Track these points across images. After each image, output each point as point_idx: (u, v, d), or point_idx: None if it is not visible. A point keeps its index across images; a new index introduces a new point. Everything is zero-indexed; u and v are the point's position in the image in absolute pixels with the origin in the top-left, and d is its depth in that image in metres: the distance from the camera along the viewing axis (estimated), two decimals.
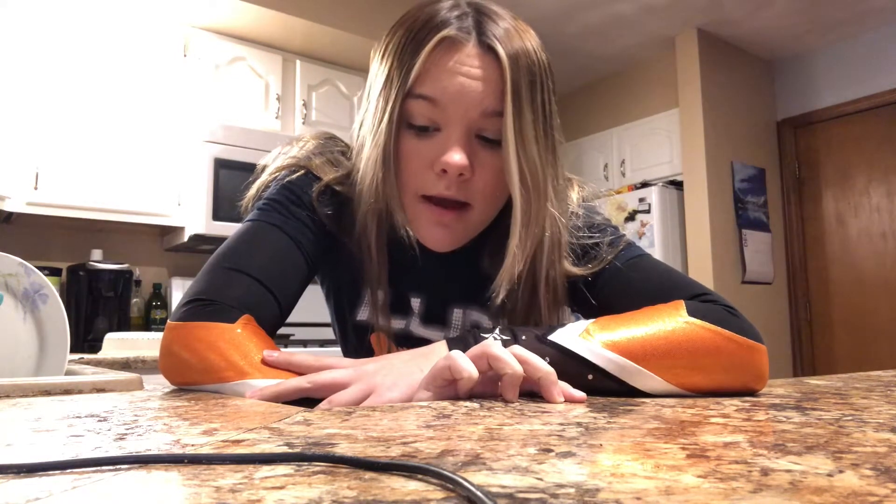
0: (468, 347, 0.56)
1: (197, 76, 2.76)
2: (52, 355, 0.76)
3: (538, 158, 0.69)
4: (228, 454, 0.30)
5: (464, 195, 0.69)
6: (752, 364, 0.61)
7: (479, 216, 0.72)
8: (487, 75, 0.67)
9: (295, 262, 0.73)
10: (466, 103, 0.67)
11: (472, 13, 0.69)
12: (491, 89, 0.67)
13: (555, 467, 0.28)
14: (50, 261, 2.65)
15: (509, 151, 0.67)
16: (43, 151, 2.40)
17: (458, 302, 0.80)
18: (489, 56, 0.67)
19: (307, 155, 0.79)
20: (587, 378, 0.58)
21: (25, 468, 0.27)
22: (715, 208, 3.60)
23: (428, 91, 0.67)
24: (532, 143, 0.68)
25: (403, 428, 0.39)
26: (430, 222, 0.70)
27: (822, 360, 3.85)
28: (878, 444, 0.34)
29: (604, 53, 3.99)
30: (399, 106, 0.68)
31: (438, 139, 0.68)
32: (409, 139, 0.69)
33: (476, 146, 0.69)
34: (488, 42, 0.67)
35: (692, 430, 0.38)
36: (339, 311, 0.84)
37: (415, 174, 0.70)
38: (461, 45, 0.67)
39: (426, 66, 0.67)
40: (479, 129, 0.69)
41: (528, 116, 0.67)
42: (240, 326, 0.63)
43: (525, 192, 0.68)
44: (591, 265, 0.74)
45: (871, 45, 3.70)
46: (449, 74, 0.67)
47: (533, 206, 0.69)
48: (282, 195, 0.75)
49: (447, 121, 0.68)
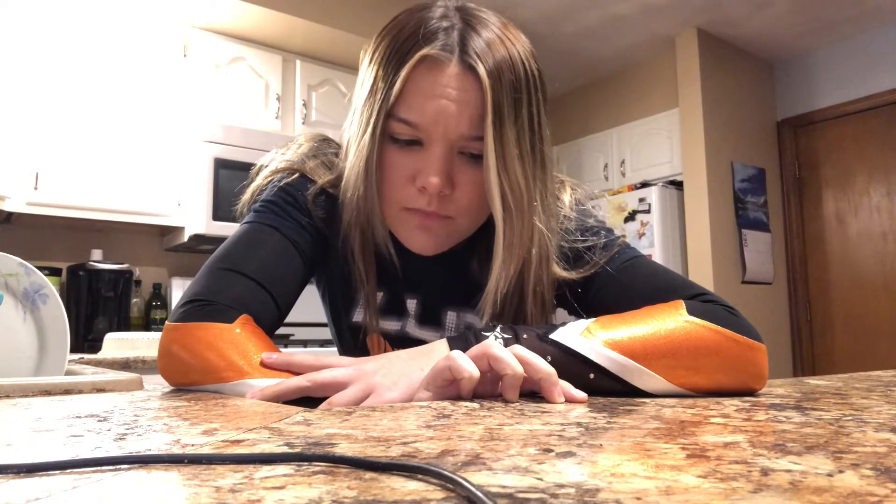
0: (469, 346, 0.56)
1: (197, 76, 2.76)
2: (52, 355, 0.76)
3: (522, 177, 0.68)
4: (228, 454, 0.30)
5: (445, 210, 0.69)
6: (753, 364, 0.61)
7: (462, 225, 0.72)
8: (468, 98, 0.66)
9: (292, 262, 0.73)
10: (445, 125, 0.66)
11: (458, 25, 0.68)
12: (470, 112, 0.66)
13: (555, 467, 0.28)
14: (50, 261, 2.65)
15: (490, 176, 0.66)
16: (43, 151, 2.40)
17: (452, 304, 0.80)
18: (470, 76, 0.66)
19: (301, 158, 0.79)
20: (588, 377, 0.58)
21: (25, 468, 0.27)
22: (715, 208, 3.60)
23: (408, 115, 0.67)
24: (515, 161, 0.67)
25: (403, 428, 0.39)
26: (414, 226, 0.71)
27: (822, 360, 3.85)
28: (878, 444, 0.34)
29: (604, 53, 3.99)
30: (381, 123, 0.68)
31: (420, 154, 0.68)
32: (391, 152, 0.69)
33: (458, 162, 0.69)
34: (470, 62, 0.66)
35: (692, 430, 0.38)
36: (335, 313, 0.84)
37: (397, 188, 0.70)
38: (442, 64, 0.66)
39: (407, 86, 0.67)
40: (462, 147, 0.68)
41: (511, 136, 0.66)
42: (238, 326, 0.63)
43: (508, 215, 0.68)
44: (584, 269, 0.74)
45: (871, 45, 3.70)
46: (429, 98, 0.66)
47: (516, 227, 0.69)
48: (278, 197, 0.75)
49: (428, 139, 0.67)
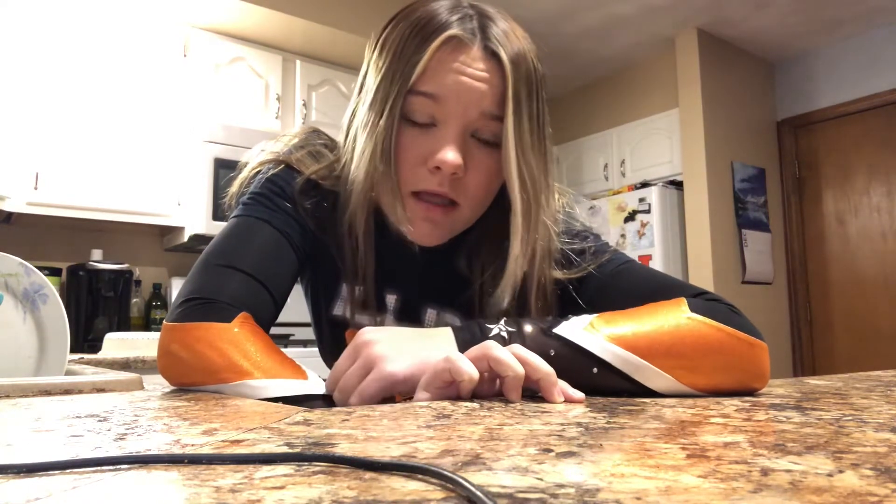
0: (473, 337, 0.57)
1: (197, 76, 2.76)
2: (52, 355, 0.76)
3: (535, 166, 0.69)
4: (228, 454, 0.30)
5: (454, 193, 0.70)
6: (755, 362, 0.61)
7: (466, 214, 0.72)
8: (490, 78, 0.68)
9: (286, 254, 0.73)
10: (466, 101, 0.67)
11: (475, 16, 0.70)
12: (492, 92, 0.68)
13: (555, 467, 0.28)
14: (50, 261, 2.65)
15: (510, 157, 0.68)
16: (43, 151, 2.40)
17: (432, 302, 0.80)
18: (493, 60, 0.68)
19: (288, 149, 0.79)
20: (591, 372, 0.57)
21: (25, 468, 0.27)
22: (715, 208, 3.60)
23: (430, 88, 0.67)
24: (530, 149, 0.69)
25: (403, 428, 0.39)
26: (419, 217, 0.71)
27: (822, 360, 3.85)
28: (878, 444, 0.34)
29: (604, 54, 3.99)
30: (401, 102, 0.68)
31: (435, 135, 0.68)
32: (406, 134, 0.69)
33: (471, 145, 0.69)
34: (492, 47, 0.68)
35: (692, 430, 0.38)
36: (316, 306, 0.84)
37: (409, 169, 0.70)
38: (466, 46, 0.68)
39: (431, 63, 0.67)
40: (476, 130, 0.69)
41: (526, 124, 0.68)
42: (237, 325, 0.63)
43: (525, 197, 0.69)
44: (573, 271, 0.75)
45: (871, 45, 3.70)
46: (452, 72, 0.67)
47: (533, 212, 0.70)
48: (266, 188, 0.75)
49: (445, 117, 0.68)
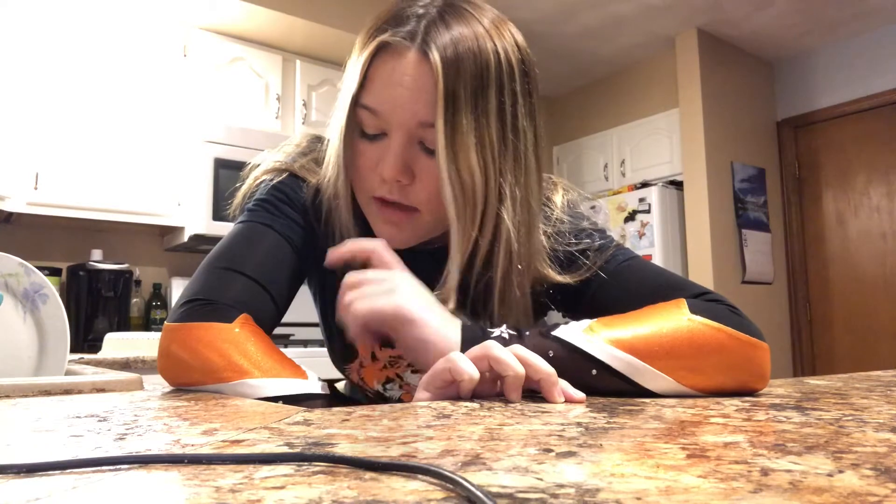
0: (475, 336, 0.58)
1: (197, 76, 2.76)
2: (52, 355, 0.76)
3: (478, 166, 0.66)
4: (228, 454, 0.30)
5: (407, 200, 0.70)
6: (756, 362, 0.61)
7: (426, 219, 0.71)
8: (422, 84, 0.66)
9: (288, 259, 0.74)
10: (401, 114, 0.67)
11: (431, 15, 0.68)
12: (424, 99, 0.66)
13: (555, 467, 0.28)
14: (50, 261, 2.65)
15: (440, 162, 0.66)
16: (43, 151, 2.40)
17: None
18: (426, 63, 0.65)
19: (292, 158, 0.80)
20: (591, 374, 0.58)
21: (25, 468, 0.27)
22: (715, 208, 3.60)
23: (369, 101, 0.68)
24: (471, 150, 0.66)
25: (403, 428, 0.39)
26: (381, 220, 0.71)
27: (822, 360, 3.85)
28: (878, 444, 0.34)
29: (604, 53, 3.99)
30: (351, 113, 0.69)
31: (383, 144, 0.69)
32: (359, 143, 0.70)
33: (418, 153, 0.68)
34: (426, 49, 0.66)
35: (692, 430, 0.38)
36: (324, 311, 0.84)
37: (363, 178, 0.71)
38: (400, 52, 0.67)
39: (369, 73, 0.68)
40: (420, 138, 0.68)
41: (467, 124, 0.65)
42: (238, 326, 0.63)
43: (456, 203, 0.67)
44: (578, 272, 0.74)
45: (871, 45, 3.70)
46: (386, 85, 0.67)
47: (467, 216, 0.68)
48: (271, 195, 0.76)
49: (388, 128, 0.68)
